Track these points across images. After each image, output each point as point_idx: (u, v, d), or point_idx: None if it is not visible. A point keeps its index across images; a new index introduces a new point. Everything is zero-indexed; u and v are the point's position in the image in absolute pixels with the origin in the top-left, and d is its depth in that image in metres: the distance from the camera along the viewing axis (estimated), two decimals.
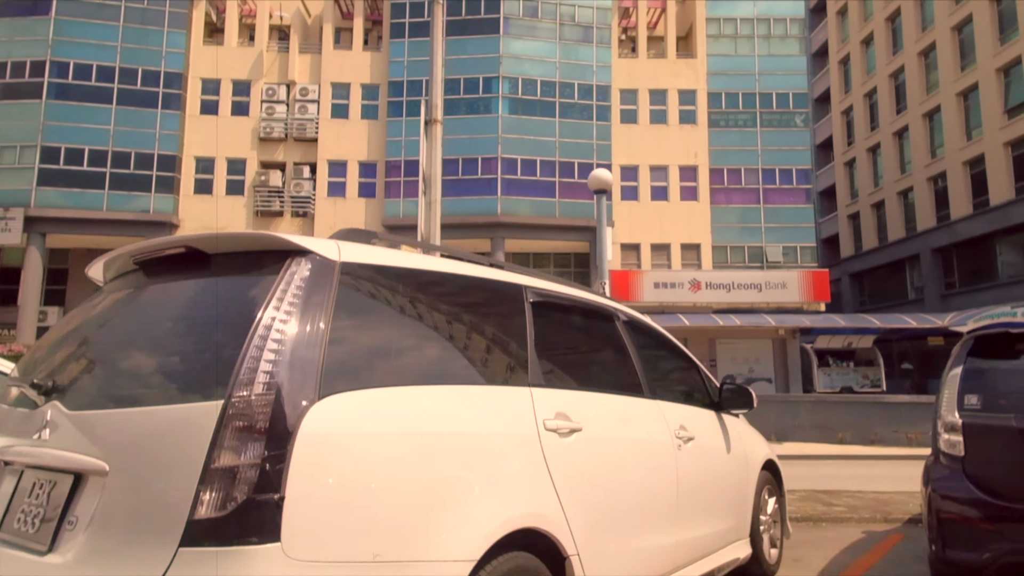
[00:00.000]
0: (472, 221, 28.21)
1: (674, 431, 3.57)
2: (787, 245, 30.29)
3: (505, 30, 29.55)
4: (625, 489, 3.02)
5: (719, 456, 4.14)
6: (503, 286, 2.88)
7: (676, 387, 4.27)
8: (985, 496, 3.79)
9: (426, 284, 2.53)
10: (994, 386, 4.06)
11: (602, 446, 2.91)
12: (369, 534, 1.88)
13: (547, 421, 2.59)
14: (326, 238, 2.35)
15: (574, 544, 2.51)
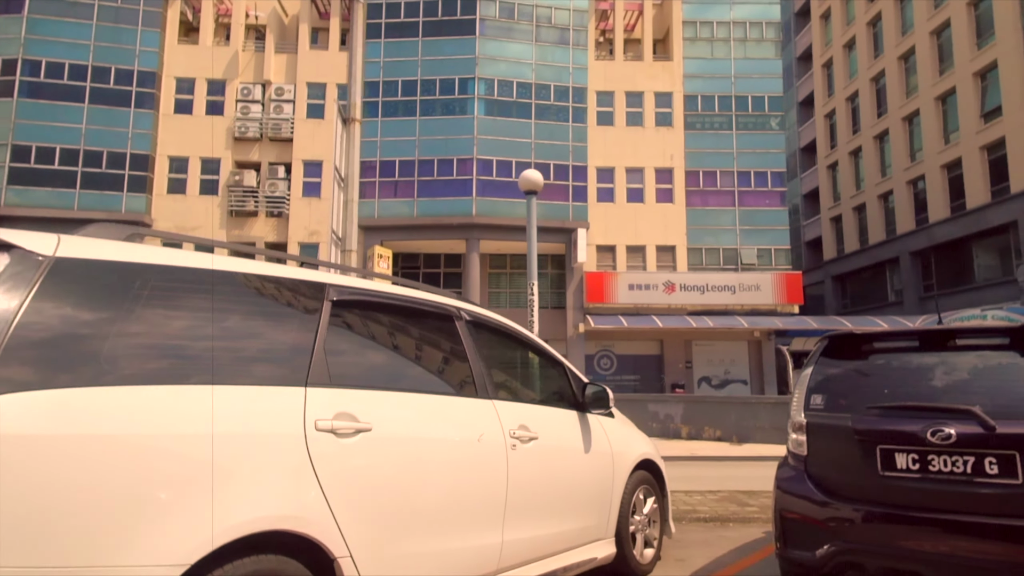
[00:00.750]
0: (447, 222, 28.19)
1: (510, 431, 3.54)
2: (762, 247, 30.41)
3: (481, 31, 29.55)
4: (425, 489, 2.98)
5: (572, 456, 4.12)
6: (292, 284, 2.84)
7: (529, 387, 4.26)
8: (823, 496, 3.81)
9: (177, 281, 2.45)
10: (837, 387, 4.07)
11: (397, 446, 2.88)
12: (50, 541, 1.84)
13: (319, 421, 2.55)
14: (82, 235, 2.32)
15: (345, 546, 2.48)
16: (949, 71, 35.45)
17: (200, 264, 2.56)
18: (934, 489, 3.52)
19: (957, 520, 3.42)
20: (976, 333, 3.88)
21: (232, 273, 2.67)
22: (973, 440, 3.47)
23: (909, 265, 38.45)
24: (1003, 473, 3.39)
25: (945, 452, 3.53)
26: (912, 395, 3.84)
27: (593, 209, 29.94)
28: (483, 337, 3.81)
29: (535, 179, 9.08)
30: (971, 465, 3.46)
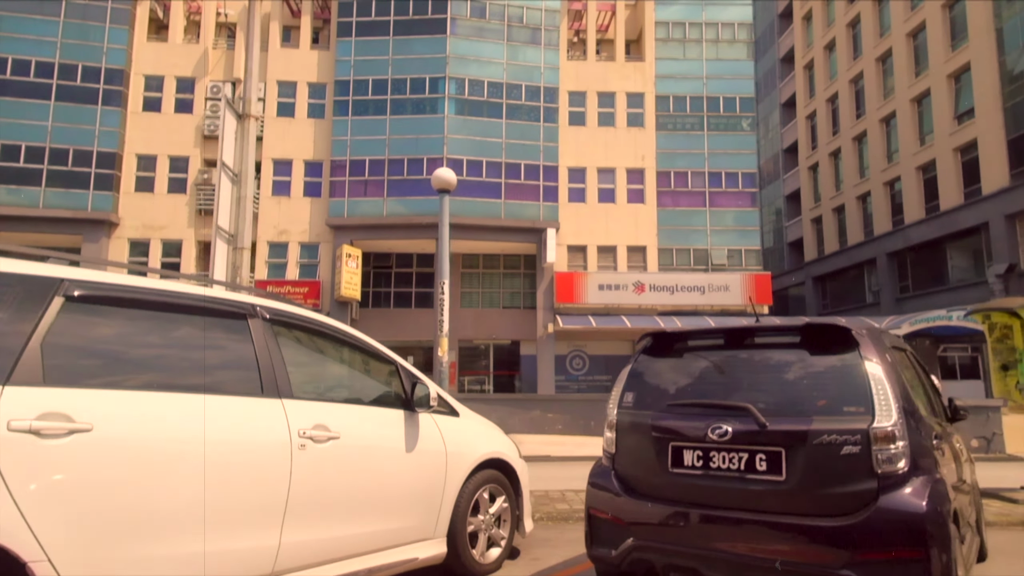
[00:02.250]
0: (417, 221, 28.10)
1: (300, 430, 3.49)
2: (732, 248, 30.45)
3: (452, 31, 29.48)
4: (161, 491, 2.91)
5: (387, 455, 4.07)
6: (7, 278, 2.75)
7: (343, 387, 4.21)
8: (625, 493, 3.82)
9: None
10: (647, 385, 4.08)
11: (126, 446, 2.81)
12: None
13: (14, 422, 2.49)
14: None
15: (41, 550, 2.44)
16: (924, 73, 35.63)
17: None
18: (713, 486, 3.54)
19: (730, 517, 3.43)
20: (772, 331, 3.86)
21: None
22: (746, 437, 3.49)
23: (886, 266, 38.65)
24: (770, 470, 3.40)
25: (724, 449, 3.55)
26: (704, 392, 3.86)
27: (564, 209, 29.91)
28: (288, 336, 3.75)
29: (447, 178, 9.02)
30: (744, 462, 3.48)
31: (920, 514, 3.10)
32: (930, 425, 3.70)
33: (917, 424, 3.49)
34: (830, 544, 3.15)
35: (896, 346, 4.11)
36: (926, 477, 3.28)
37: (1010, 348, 8.15)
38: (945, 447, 4.08)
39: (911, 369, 4.31)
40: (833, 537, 3.15)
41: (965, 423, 15.80)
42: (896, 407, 3.34)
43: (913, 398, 3.61)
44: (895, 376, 3.52)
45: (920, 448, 3.39)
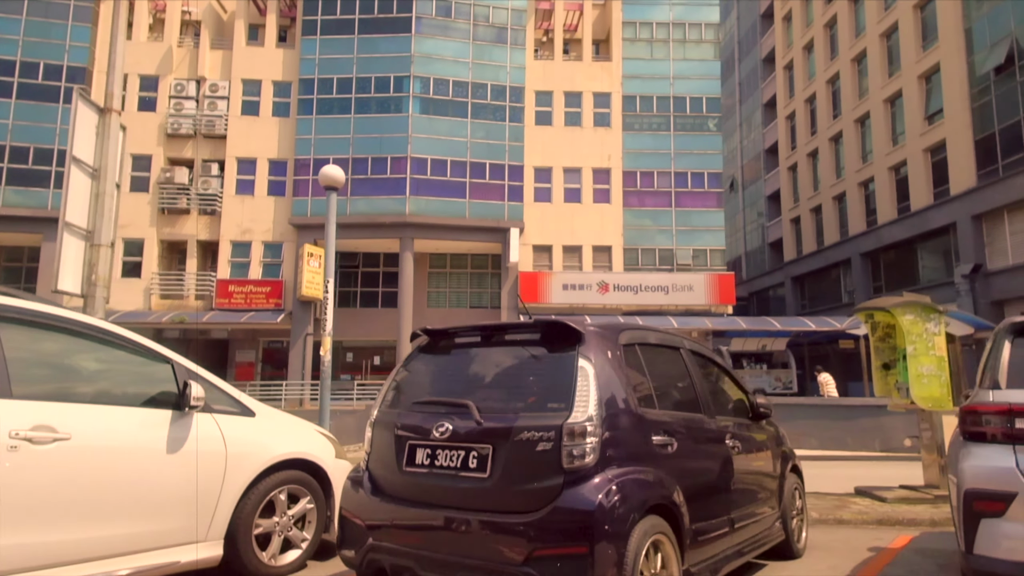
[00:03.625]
0: (380, 221, 28.02)
1: (12, 431, 3.44)
2: (697, 248, 30.40)
3: (417, 29, 29.39)
4: None
5: (136, 456, 3.97)
6: None
7: (87, 385, 4.12)
8: (372, 493, 3.77)
9: None
10: (407, 383, 4.11)
11: None
12: None
13: None
14: None
15: None
16: (897, 73, 35.68)
17: None
18: (436, 484, 3.50)
19: (446, 516, 3.38)
20: (520, 328, 3.82)
21: None
22: (464, 435, 3.46)
23: (860, 266, 38.69)
24: (479, 468, 3.37)
25: (446, 447, 3.51)
26: (442, 390, 3.84)
27: (530, 209, 29.85)
28: (15, 332, 3.69)
29: (334, 175, 8.95)
30: (461, 460, 3.45)
31: (588, 510, 3.06)
32: (652, 421, 3.64)
33: (626, 420, 3.45)
34: (516, 541, 3.11)
35: (646, 342, 4.06)
36: (615, 472, 3.24)
37: (891, 347, 8.12)
38: (703, 445, 4.06)
39: (676, 365, 4.29)
40: (519, 534, 3.11)
41: (900, 421, 15.79)
42: (596, 403, 3.30)
43: (629, 395, 3.56)
44: (609, 373, 3.48)
45: (620, 443, 3.35)
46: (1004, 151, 28.96)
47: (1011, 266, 28.68)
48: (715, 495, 4.08)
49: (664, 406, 3.92)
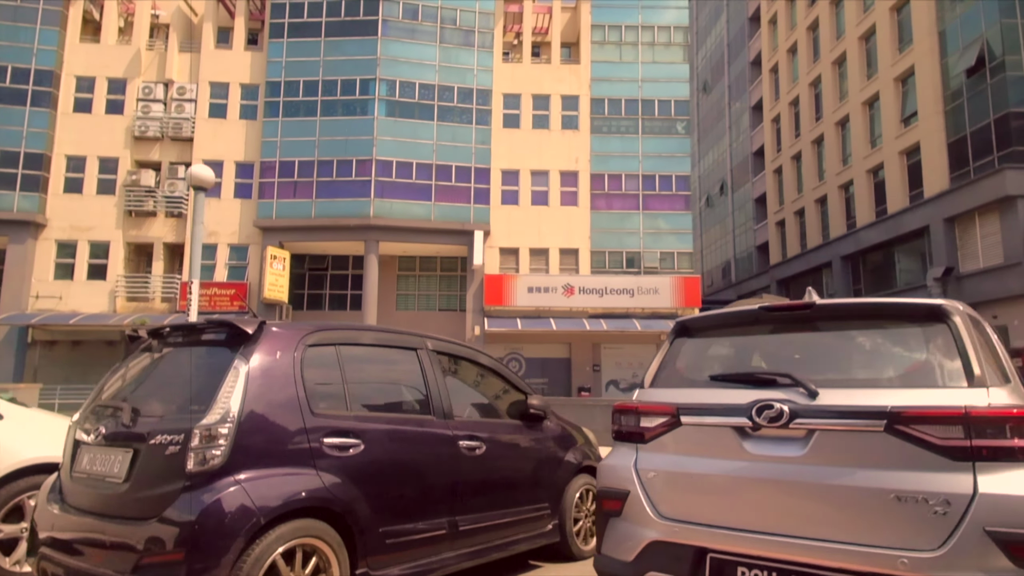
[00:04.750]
0: (344, 223, 28.01)
1: None
2: (665, 251, 30.25)
3: (384, 32, 29.40)
4: None
5: None
6: None
7: None
8: (51, 501, 3.65)
9: None
10: (112, 383, 4.01)
11: None
12: None
13: None
14: None
15: None
16: (874, 76, 35.55)
17: None
18: (90, 490, 3.41)
19: (92, 522, 3.28)
20: (198, 329, 3.76)
21: None
22: (111, 439, 3.40)
23: (840, 269, 38.51)
24: (119, 472, 3.30)
25: (100, 451, 3.44)
26: (120, 393, 3.81)
27: (497, 211, 29.77)
28: None
29: (203, 175, 8.89)
30: (108, 464, 3.37)
31: (189, 516, 2.98)
32: (327, 423, 3.55)
33: (283, 421, 3.36)
34: (127, 549, 3.02)
35: (353, 342, 4.00)
36: (249, 475, 3.17)
37: None
38: (412, 446, 3.99)
39: (401, 367, 4.23)
40: (131, 542, 3.02)
41: None
42: (239, 404, 3.22)
43: (296, 396, 3.47)
44: (272, 374, 3.42)
45: (266, 445, 3.28)
46: (975, 154, 28.77)
47: (982, 269, 28.46)
48: (427, 498, 4.00)
49: (362, 408, 3.84)
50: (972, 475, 2.46)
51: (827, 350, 3.13)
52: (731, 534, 2.79)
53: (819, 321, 3.21)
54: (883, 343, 2.99)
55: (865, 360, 2.99)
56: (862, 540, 2.54)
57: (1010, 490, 2.40)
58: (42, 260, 27.74)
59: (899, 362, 2.90)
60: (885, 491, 2.54)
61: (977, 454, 2.48)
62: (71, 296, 27.37)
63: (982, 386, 2.61)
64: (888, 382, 2.83)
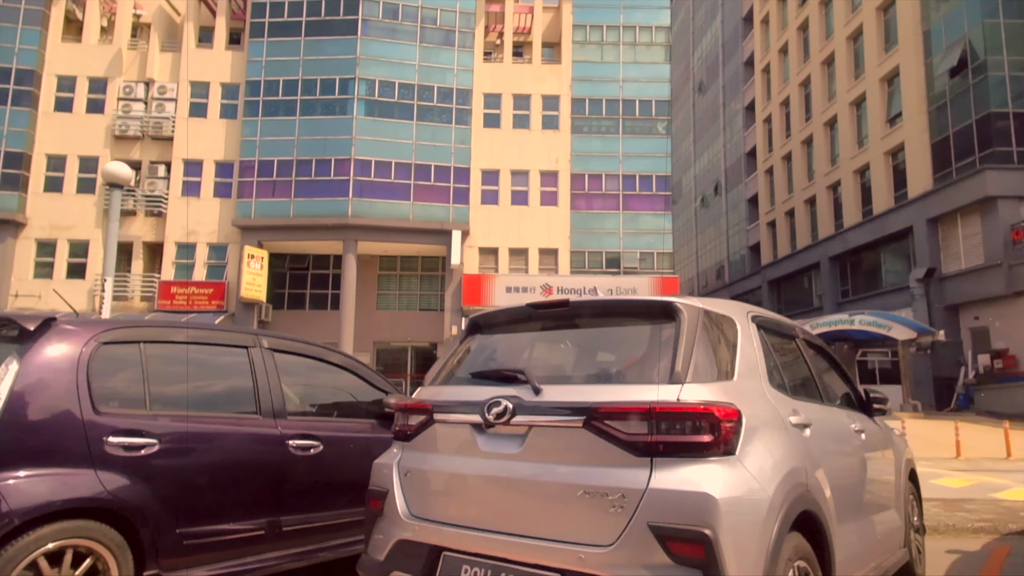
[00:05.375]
0: (322, 223, 28.06)
1: None
2: (644, 251, 30.19)
3: (363, 32, 29.42)
4: None
5: None
6: None
7: None
8: None
9: None
10: None
11: None
12: None
13: None
14: None
15: None
16: (862, 76, 35.44)
17: None
18: None
19: None
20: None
21: None
22: None
23: (828, 270, 38.41)
24: None
25: None
26: None
27: (477, 211, 29.77)
28: None
29: (117, 172, 8.87)
30: None
31: None
32: (112, 422, 3.50)
33: (53, 422, 3.35)
34: None
35: (163, 340, 3.97)
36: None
37: None
38: (219, 444, 3.96)
39: (226, 367, 4.24)
40: None
41: None
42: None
43: (72, 395, 3.43)
44: (48, 372, 3.40)
45: (28, 446, 3.26)
46: (958, 154, 28.65)
47: (964, 270, 28.34)
48: (240, 498, 3.96)
49: (166, 407, 3.80)
50: (649, 470, 2.44)
51: (575, 347, 3.13)
52: (464, 532, 2.78)
53: (576, 318, 3.21)
54: (620, 340, 2.99)
55: (600, 356, 2.98)
56: (556, 536, 2.54)
57: (673, 484, 2.39)
58: (22, 259, 27.86)
59: (624, 358, 2.90)
60: (577, 487, 2.53)
61: (656, 449, 2.46)
62: (51, 295, 27.48)
63: (679, 382, 2.59)
64: (606, 378, 2.82)
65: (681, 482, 2.39)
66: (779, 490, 2.57)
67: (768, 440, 2.73)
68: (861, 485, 3.61)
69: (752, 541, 2.37)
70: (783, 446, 2.80)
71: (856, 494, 3.53)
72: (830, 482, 3.13)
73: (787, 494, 2.62)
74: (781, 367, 3.41)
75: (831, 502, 3.05)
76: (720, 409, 2.53)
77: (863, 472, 3.73)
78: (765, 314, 3.64)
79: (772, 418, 2.87)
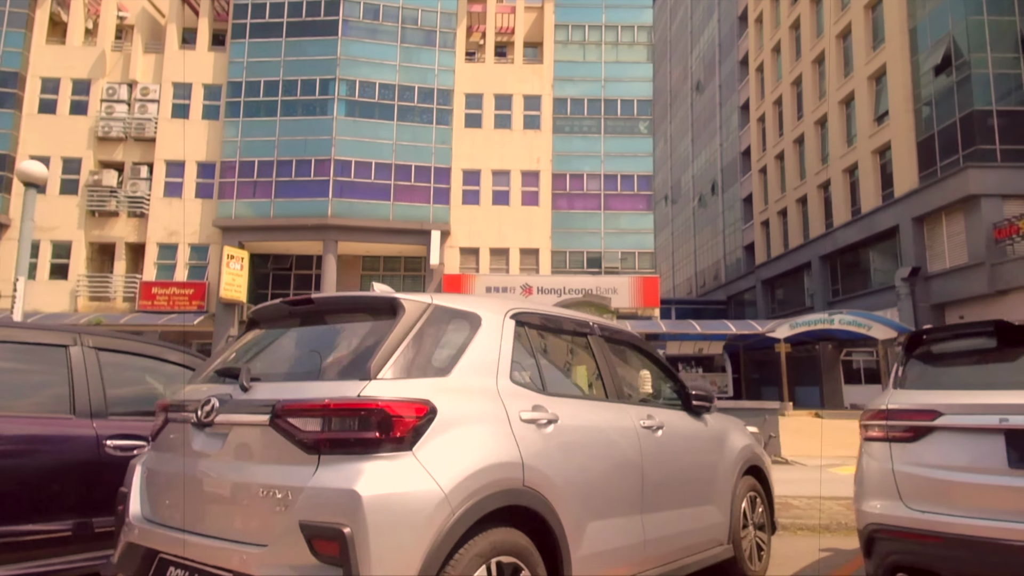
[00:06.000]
0: (302, 223, 28.12)
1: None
2: (626, 251, 30.07)
3: (344, 32, 29.47)
4: None
5: None
6: None
7: None
8: None
9: None
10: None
11: None
12: None
13: None
14: None
15: None
16: (850, 75, 35.21)
17: None
18: None
19: None
20: None
21: None
22: None
23: (819, 269, 38.19)
24: None
25: None
26: None
27: (458, 211, 29.75)
28: None
29: (33, 171, 8.88)
30: None
31: None
32: None
33: None
34: None
35: None
36: None
37: None
38: None
39: None
40: None
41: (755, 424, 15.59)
42: None
43: None
44: None
45: None
46: (942, 152, 28.41)
47: (948, 269, 28.09)
48: (40, 500, 3.90)
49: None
50: (315, 468, 2.42)
51: (309, 343, 3.11)
52: (175, 535, 2.75)
53: (322, 315, 3.21)
54: (347, 336, 2.98)
55: (323, 353, 2.95)
56: (238, 537, 2.52)
57: (327, 482, 2.36)
58: (5, 260, 28.03)
59: (341, 355, 2.87)
60: (259, 486, 2.50)
61: (324, 446, 2.44)
62: (33, 295, 27.64)
63: (367, 379, 2.56)
64: (313, 375, 2.80)
65: (335, 479, 2.36)
66: (464, 485, 2.53)
67: (471, 435, 2.69)
68: (637, 481, 3.56)
69: (406, 538, 2.33)
70: (494, 441, 2.76)
71: (625, 490, 3.48)
72: (575, 478, 3.09)
73: (479, 489, 2.58)
74: (543, 364, 3.38)
75: (570, 498, 3.01)
76: (397, 405, 2.50)
77: (652, 468, 3.68)
78: (541, 311, 3.61)
79: (491, 414, 2.84)
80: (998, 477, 3.02)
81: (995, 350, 3.40)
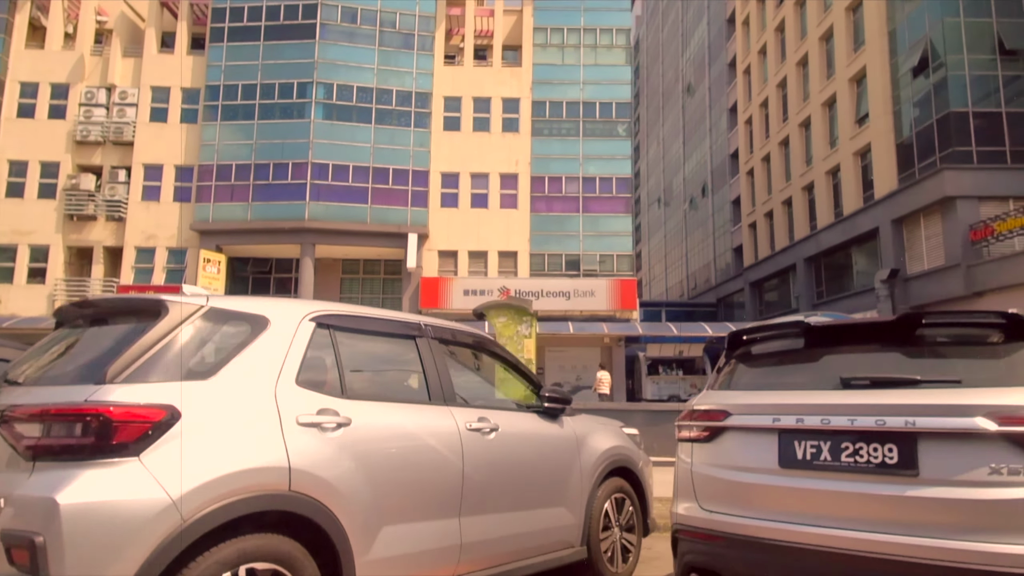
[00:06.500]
0: (279, 226, 28.11)
1: None
2: (604, 253, 30.05)
3: (322, 36, 29.50)
4: None
5: None
6: None
7: None
8: None
9: None
10: None
11: None
12: None
13: None
14: None
15: None
16: (833, 77, 35.26)
17: None
18: None
19: None
20: None
21: None
22: None
23: (803, 271, 38.20)
24: None
25: None
26: None
27: (436, 214, 29.74)
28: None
29: None
30: None
31: None
32: None
33: None
34: None
35: None
36: None
37: None
38: None
39: None
40: None
41: None
42: None
43: None
44: None
45: None
46: (920, 154, 28.42)
47: (927, 271, 28.08)
48: None
49: None
50: (29, 474, 2.38)
51: (80, 347, 3.04)
52: None
53: (104, 317, 3.18)
54: (113, 339, 2.88)
55: (86, 356, 2.91)
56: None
57: (31, 490, 2.33)
58: None
59: (97, 358, 2.79)
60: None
61: (40, 452, 2.41)
62: (10, 299, 27.69)
63: (102, 383, 2.53)
64: (63, 379, 2.76)
65: (39, 487, 2.31)
66: (202, 491, 2.49)
67: (224, 440, 2.66)
68: (455, 484, 3.54)
69: (114, 546, 2.30)
70: (255, 445, 2.74)
71: (439, 493, 3.47)
72: (366, 481, 3.07)
73: (224, 495, 2.54)
74: (348, 367, 3.36)
75: (356, 502, 2.99)
76: (122, 410, 2.45)
77: (477, 471, 3.67)
78: (355, 313, 3.59)
79: (258, 418, 2.81)
80: (770, 477, 3.03)
81: (800, 351, 3.39)
